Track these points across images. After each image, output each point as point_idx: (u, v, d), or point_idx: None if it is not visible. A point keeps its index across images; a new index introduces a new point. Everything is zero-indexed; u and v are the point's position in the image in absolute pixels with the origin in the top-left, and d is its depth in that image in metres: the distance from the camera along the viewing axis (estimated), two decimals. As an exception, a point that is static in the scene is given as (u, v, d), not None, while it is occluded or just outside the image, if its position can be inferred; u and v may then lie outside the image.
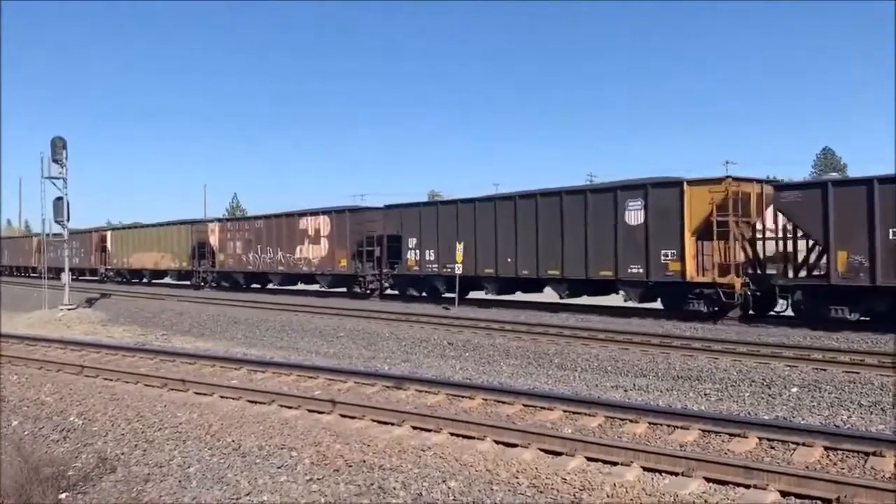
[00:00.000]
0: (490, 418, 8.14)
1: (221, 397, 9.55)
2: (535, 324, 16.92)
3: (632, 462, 6.18)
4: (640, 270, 18.48)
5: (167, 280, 40.61)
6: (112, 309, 25.11)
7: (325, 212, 28.83)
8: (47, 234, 37.39)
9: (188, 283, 36.96)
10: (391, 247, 25.92)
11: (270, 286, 32.93)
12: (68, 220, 24.59)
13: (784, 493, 5.49)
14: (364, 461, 6.58)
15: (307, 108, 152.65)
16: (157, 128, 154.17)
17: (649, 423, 7.61)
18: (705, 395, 9.62)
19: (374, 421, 7.94)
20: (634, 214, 18.63)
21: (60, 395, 10.16)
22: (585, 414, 8.09)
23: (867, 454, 6.37)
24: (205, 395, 9.75)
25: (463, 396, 9.13)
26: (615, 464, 6.24)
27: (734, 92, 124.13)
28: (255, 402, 9.11)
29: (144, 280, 42.70)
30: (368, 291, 26.89)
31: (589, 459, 6.40)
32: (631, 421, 7.71)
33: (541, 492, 5.72)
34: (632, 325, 16.80)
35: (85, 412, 9.03)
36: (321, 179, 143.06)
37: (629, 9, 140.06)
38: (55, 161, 23.23)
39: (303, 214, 29.95)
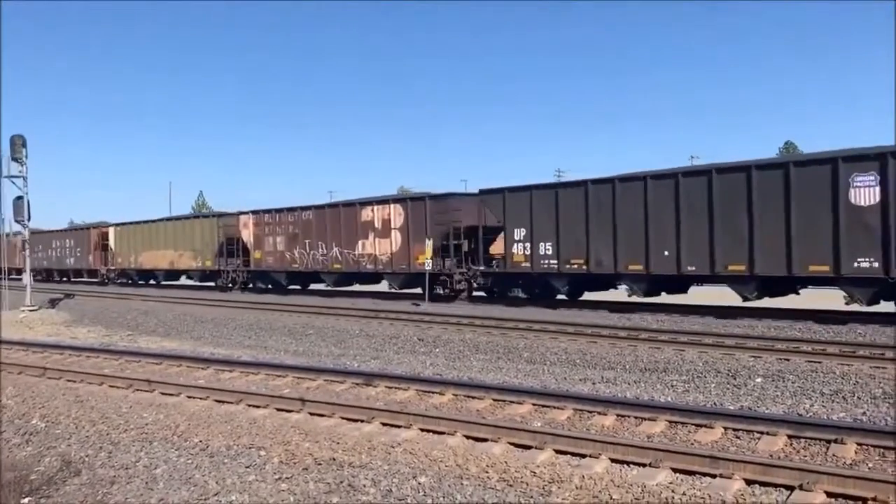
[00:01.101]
0: (460, 413, 8.15)
1: (188, 397, 9.44)
2: (505, 318, 16.98)
3: (600, 454, 6.23)
4: (875, 264, 14.78)
5: (184, 281, 36.75)
6: (76, 310, 24.68)
7: (398, 200, 25.02)
8: (16, 234, 36.17)
9: (212, 284, 32.94)
10: (485, 239, 22.61)
11: (315, 287, 29.27)
12: (29, 219, 24.11)
13: (749, 482, 5.58)
14: (334, 459, 6.54)
15: (274, 105, 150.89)
16: (119, 126, 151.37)
17: (617, 415, 7.68)
18: (672, 386, 9.75)
19: (343, 418, 7.90)
20: (864, 192, 14.91)
21: (22, 397, 9.95)
22: (554, 407, 8.13)
23: (829, 441, 6.50)
24: (171, 395, 9.63)
25: (433, 392, 9.13)
26: (584, 456, 6.29)
27: (696, 85, 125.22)
28: (223, 402, 9.02)
29: (155, 282, 37.80)
30: (451, 293, 23.02)
31: (558, 452, 6.45)
32: (599, 413, 7.78)
33: (510, 485, 5.74)
34: (598, 318, 16.95)
35: (48, 415, 8.86)
36: (289, 176, 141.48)
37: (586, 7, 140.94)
38: (15, 159, 22.75)
39: (367, 203, 25.75)
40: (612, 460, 6.17)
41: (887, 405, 8.31)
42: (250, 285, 31.11)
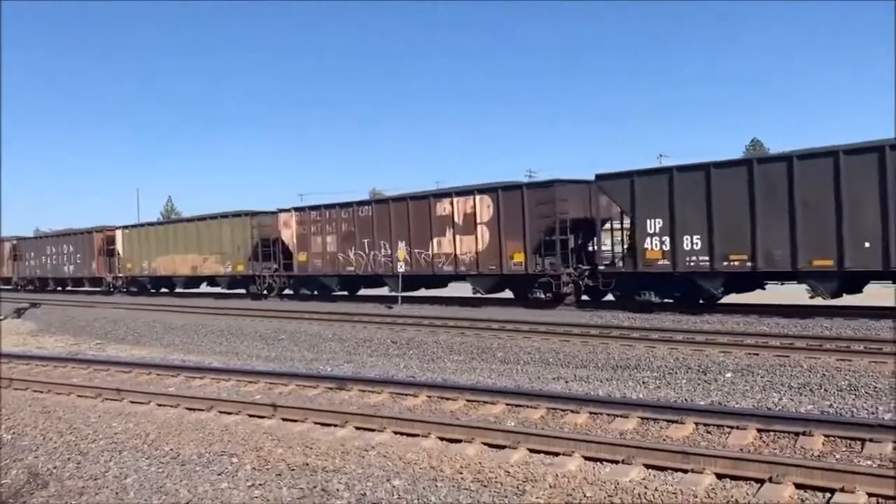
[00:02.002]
0: (434, 415, 8.16)
1: (158, 405, 9.32)
2: (478, 319, 17.01)
3: (573, 452, 6.26)
4: None
5: (205, 288, 32.82)
6: (43, 319, 24.26)
7: (486, 190, 21.28)
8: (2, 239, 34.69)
9: (243, 291, 29.38)
10: (586, 234, 20.10)
11: (367, 293, 25.99)
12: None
13: (720, 476, 5.64)
14: (307, 464, 6.50)
15: (243, 107, 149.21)
16: (84, 132, 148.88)
17: (590, 413, 7.73)
18: (644, 383, 9.83)
19: (316, 423, 7.85)
20: None
21: (-13, 410, 9.75)
22: (528, 406, 8.16)
23: (797, 434, 6.60)
24: (141, 403, 9.49)
25: (406, 394, 9.12)
26: (557, 454, 6.31)
27: (661, 84, 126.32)
28: (194, 409, 8.91)
29: (168, 290, 34.24)
30: (553, 297, 19.59)
31: (532, 451, 6.47)
32: (572, 411, 7.82)
33: (485, 486, 5.75)
34: (569, 317, 17.05)
35: (14, 426, 8.69)
36: (261, 179, 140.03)
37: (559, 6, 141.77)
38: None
39: (443, 196, 22.52)
40: (586, 458, 6.21)
41: (853, 397, 8.47)
42: (288, 291, 27.68)
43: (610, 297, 19.59)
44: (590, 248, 20.42)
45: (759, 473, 5.52)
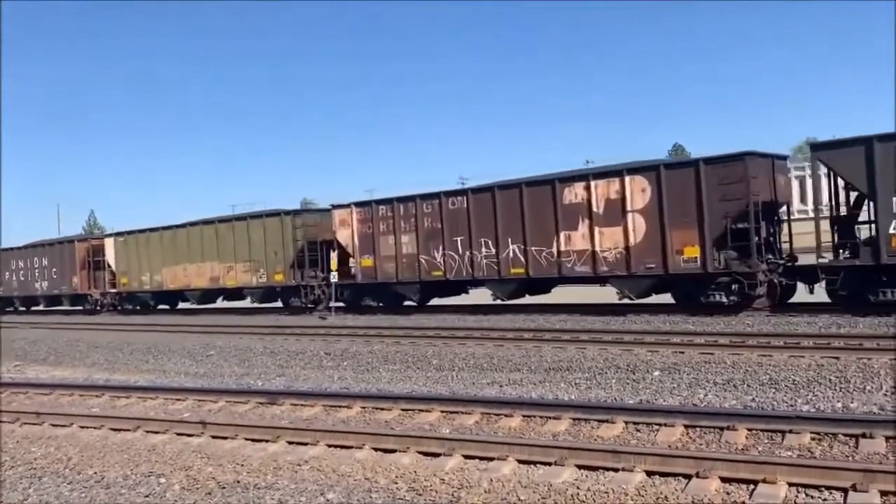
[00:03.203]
0: (368, 426, 8.10)
1: (81, 427, 8.97)
2: (413, 327, 16.99)
3: (507, 456, 6.31)
4: None
5: (222, 303, 28.58)
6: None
7: (639, 169, 17.50)
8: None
9: (278, 304, 25.57)
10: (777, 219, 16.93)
11: (450, 301, 22.45)
12: None
13: (649, 473, 5.76)
14: (238, 481, 6.36)
15: (173, 116, 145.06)
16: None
17: (523, 416, 7.81)
18: (575, 384, 9.98)
19: (247, 439, 7.69)
20: None
21: None
22: (462, 412, 8.19)
23: (722, 429, 6.80)
24: (63, 426, 9.11)
25: (340, 406, 9.02)
26: (492, 459, 6.34)
27: (595, 88, 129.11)
28: (120, 430, 8.62)
29: (175, 307, 29.66)
30: (733, 300, 16.06)
31: (466, 457, 6.48)
32: (506, 415, 7.89)
33: (420, 494, 5.73)
34: (505, 322, 17.20)
35: (-77, 458, 8.22)
36: (190, 190, 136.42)
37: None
38: None
39: (573, 179, 18.45)
40: (520, 461, 6.25)
41: (774, 390, 8.78)
42: (335, 304, 23.23)
43: (812, 295, 16.17)
44: (772, 239, 16.90)
45: (687, 469, 5.66)
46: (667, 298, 17.79)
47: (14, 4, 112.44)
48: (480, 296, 21.84)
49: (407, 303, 22.61)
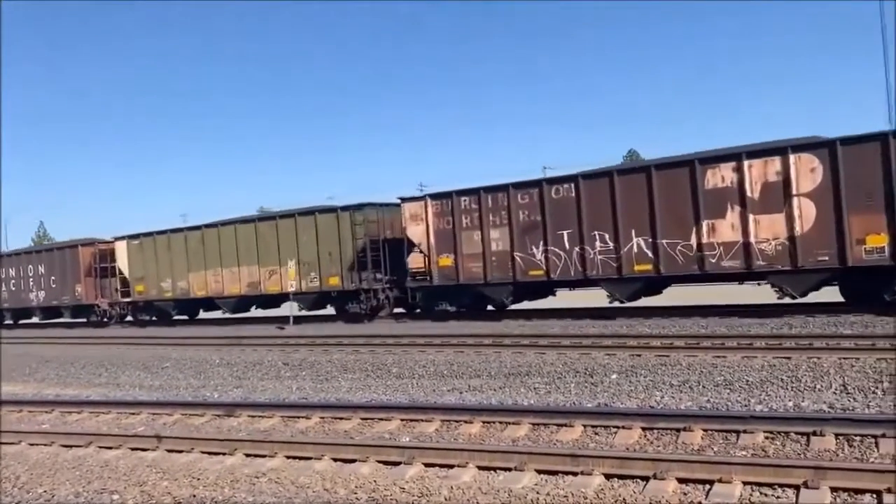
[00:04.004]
0: (327, 436, 8.03)
1: (30, 444, 8.71)
2: (373, 335, 16.91)
3: (467, 463, 6.30)
4: None
5: (255, 312, 25.75)
6: None
7: (807, 146, 15.25)
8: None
9: (328, 311, 23.45)
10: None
11: (545, 304, 20.44)
12: None
13: (608, 476, 5.81)
14: (194, 496, 6.24)
15: (107, 121, 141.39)
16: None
17: (483, 423, 7.81)
18: (535, 389, 10.03)
19: (203, 452, 7.55)
20: None
21: None
22: (422, 420, 8.16)
23: (678, 430, 6.90)
24: (10, 443, 8.83)
25: (299, 417, 8.92)
26: (452, 466, 6.33)
27: (545, 94, 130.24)
28: (71, 446, 8.40)
29: (194, 315, 27.41)
30: None
31: (427, 465, 6.46)
32: (466, 422, 7.88)
33: (380, 504, 5.70)
34: (465, 328, 17.22)
35: None
36: (139, 200, 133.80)
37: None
38: None
39: (719, 159, 16.15)
40: (480, 468, 6.25)
41: (728, 391, 8.94)
42: (397, 309, 21.43)
43: None
44: None
45: (645, 471, 5.73)
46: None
47: (14, 4, 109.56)
48: (567, 298, 20.55)
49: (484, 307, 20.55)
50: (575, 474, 5.87)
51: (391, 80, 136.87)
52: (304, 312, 23.71)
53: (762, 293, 17.05)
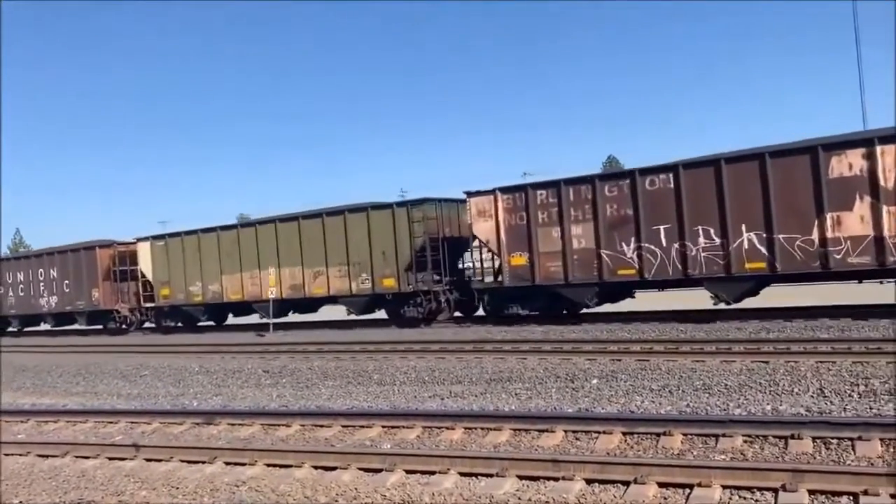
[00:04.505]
0: (308, 444, 7.98)
1: (6, 455, 8.57)
2: (354, 342, 16.86)
3: (449, 469, 6.29)
4: None
5: (294, 317, 24.19)
6: None
7: None
8: None
9: (376, 315, 22.01)
10: None
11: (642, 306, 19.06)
12: None
13: (589, 481, 5.82)
14: (173, 505, 6.19)
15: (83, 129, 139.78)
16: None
17: (465, 429, 7.80)
18: (516, 394, 10.05)
19: (183, 461, 7.48)
20: None
21: None
22: (404, 427, 8.14)
23: (658, 435, 6.94)
24: (-15, 455, 8.72)
25: (279, 425, 8.87)
26: (433, 473, 6.32)
27: (527, 102, 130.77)
28: (47, 456, 8.28)
29: (222, 321, 25.85)
30: None
31: (408, 472, 6.44)
32: (447, 428, 7.87)
33: (361, 512, 5.67)
34: (448, 334, 17.23)
35: None
36: (116, 207, 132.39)
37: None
38: None
39: (850, 145, 14.81)
40: (461, 474, 6.24)
41: (707, 395, 9.00)
42: (446, 313, 19.92)
43: None
44: None
45: (625, 475, 5.75)
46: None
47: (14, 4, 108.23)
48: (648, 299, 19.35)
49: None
50: (556, 480, 5.88)
51: (373, 84, 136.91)
52: (352, 317, 22.42)
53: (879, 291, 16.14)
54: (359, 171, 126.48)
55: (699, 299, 16.91)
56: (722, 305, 15.85)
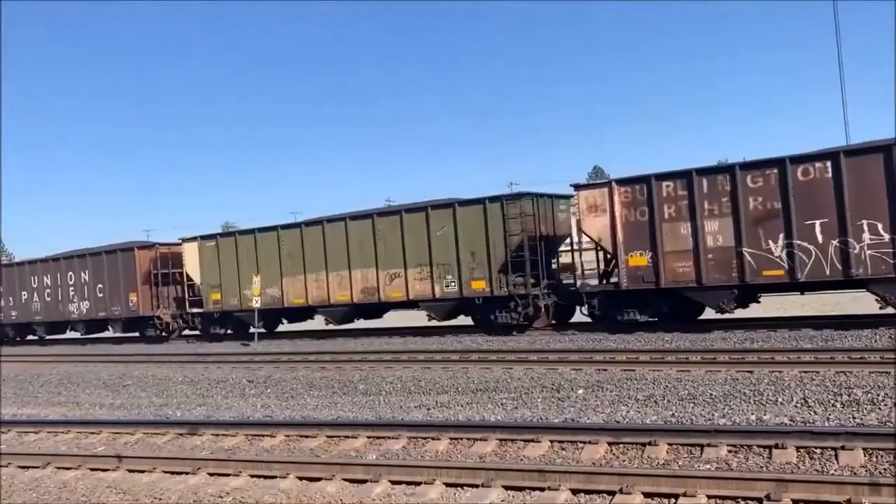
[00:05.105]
0: (292, 454, 7.93)
1: (-15, 467, 8.48)
2: (339, 352, 16.78)
3: (434, 479, 6.27)
4: None
5: (362, 324, 22.29)
6: None
7: None
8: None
9: (455, 322, 20.44)
10: None
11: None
12: None
13: (575, 491, 5.82)
14: (156, 517, 6.12)
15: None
16: None
17: (451, 439, 7.79)
18: (502, 404, 10.03)
19: (166, 472, 7.41)
20: None
21: None
22: (389, 437, 8.11)
23: (644, 444, 6.94)
24: (-36, 466, 8.59)
25: (263, 435, 8.80)
26: (419, 483, 6.30)
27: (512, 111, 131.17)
28: (28, 467, 8.19)
29: (274, 326, 23.94)
30: None
31: (393, 483, 6.41)
32: (433, 438, 7.85)
33: (346, 523, 5.63)
34: (433, 344, 17.18)
35: None
36: (97, 216, 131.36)
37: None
38: None
39: None
40: (447, 484, 6.23)
41: (692, 405, 9.03)
42: (543, 319, 18.32)
43: None
44: None
45: (611, 485, 5.75)
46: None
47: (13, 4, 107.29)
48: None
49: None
50: (542, 490, 5.87)
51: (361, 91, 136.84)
52: (433, 323, 20.56)
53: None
54: (347, 179, 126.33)
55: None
56: (890, 309, 14.46)
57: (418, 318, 21.91)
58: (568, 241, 20.35)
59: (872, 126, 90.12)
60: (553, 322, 18.58)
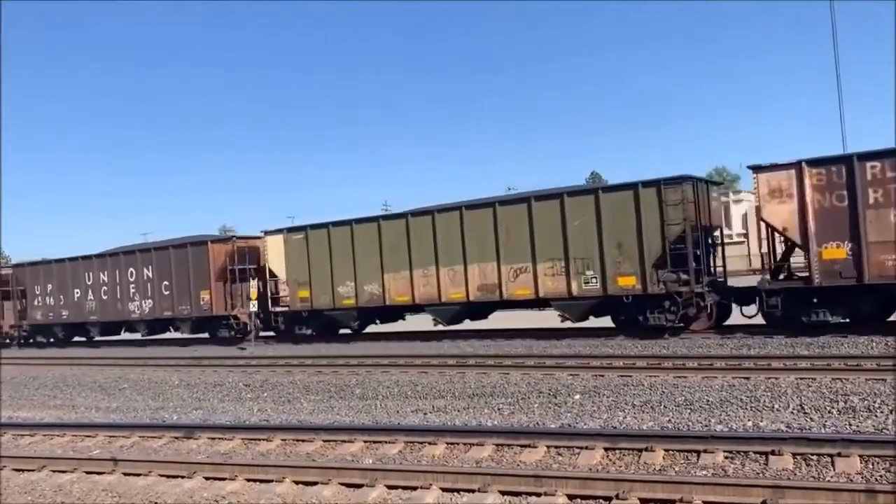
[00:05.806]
0: (289, 458, 7.93)
1: (-20, 470, 8.45)
2: (335, 356, 16.76)
3: (431, 484, 6.27)
4: None
5: (471, 325, 19.78)
6: None
7: None
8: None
9: (590, 324, 17.95)
10: None
11: None
12: None
13: (571, 496, 5.82)
14: (151, 521, 6.11)
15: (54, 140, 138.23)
16: None
17: (447, 444, 7.78)
18: (499, 409, 10.02)
19: (162, 476, 7.40)
20: None
21: None
22: (385, 442, 8.10)
23: (640, 450, 6.95)
24: (-41, 469, 8.56)
25: (260, 439, 8.80)
26: (415, 488, 6.30)
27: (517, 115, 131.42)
28: (23, 470, 8.18)
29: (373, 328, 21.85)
30: None
31: (389, 487, 6.41)
32: (430, 443, 7.85)
33: (342, 527, 5.62)
34: (428, 349, 17.15)
35: None
36: (97, 221, 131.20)
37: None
38: None
39: None
40: (443, 489, 6.23)
41: (689, 411, 9.03)
42: (702, 320, 16.34)
43: None
44: None
45: (607, 491, 5.76)
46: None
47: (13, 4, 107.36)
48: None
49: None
50: (538, 495, 5.87)
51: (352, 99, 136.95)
52: (567, 325, 18.07)
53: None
54: (344, 183, 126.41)
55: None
56: None
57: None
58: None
59: (871, 126, 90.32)
60: (713, 324, 16.59)
